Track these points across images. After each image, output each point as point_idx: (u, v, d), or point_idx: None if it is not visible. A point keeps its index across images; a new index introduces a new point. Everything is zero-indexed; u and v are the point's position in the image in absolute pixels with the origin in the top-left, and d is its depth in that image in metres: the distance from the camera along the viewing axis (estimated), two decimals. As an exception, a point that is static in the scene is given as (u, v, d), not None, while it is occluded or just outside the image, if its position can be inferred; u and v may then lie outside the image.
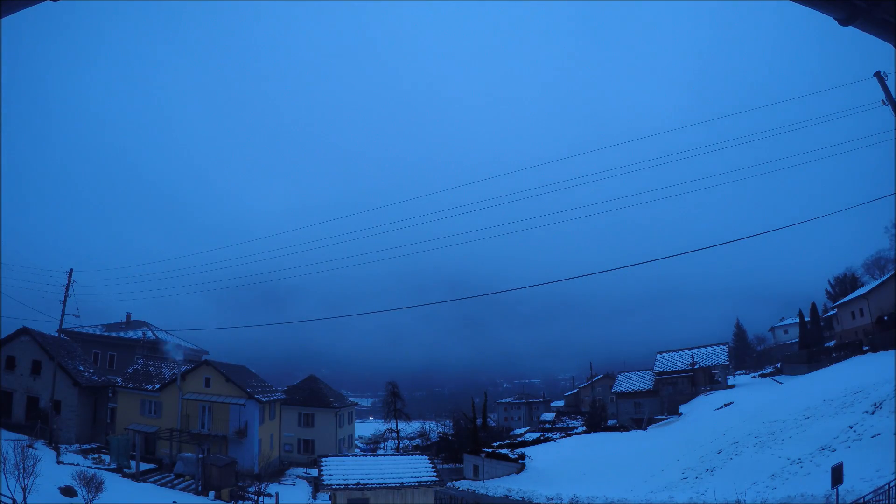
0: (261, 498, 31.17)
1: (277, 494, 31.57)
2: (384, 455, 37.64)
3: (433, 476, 25.16)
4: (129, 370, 42.02)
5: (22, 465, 17.71)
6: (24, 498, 17.39)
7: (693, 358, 53.95)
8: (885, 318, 44.32)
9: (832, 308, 62.36)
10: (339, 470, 24.44)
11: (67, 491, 22.19)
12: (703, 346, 56.38)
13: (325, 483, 23.70)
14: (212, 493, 30.52)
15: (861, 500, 14.47)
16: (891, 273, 49.41)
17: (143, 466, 32.11)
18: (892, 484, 13.88)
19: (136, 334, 51.85)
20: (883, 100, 17.40)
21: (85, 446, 36.17)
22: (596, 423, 56.41)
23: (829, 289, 71.25)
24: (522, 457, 37.70)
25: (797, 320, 65.37)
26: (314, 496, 34.87)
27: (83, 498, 20.58)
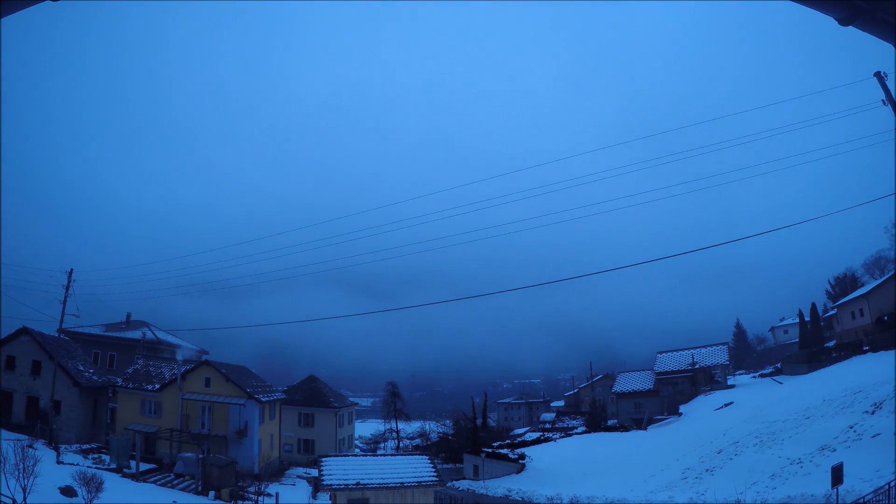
0: (261, 498, 31.17)
1: (277, 494, 31.58)
2: (384, 455, 37.65)
3: (433, 476, 25.17)
4: (129, 370, 42.01)
5: (22, 465, 17.71)
6: (24, 498, 17.39)
7: (693, 358, 53.95)
8: (885, 318, 44.33)
9: (832, 308, 62.40)
10: (339, 470, 24.45)
11: (67, 491, 22.19)
12: (703, 346, 56.40)
13: (325, 483, 23.71)
14: (212, 493, 30.52)
15: (861, 500, 14.47)
16: (891, 273, 49.44)
17: (143, 466, 32.11)
18: (892, 484, 13.88)
19: (136, 334, 51.82)
20: (883, 100, 17.39)
21: (85, 446, 36.18)
22: (596, 424, 56.36)
23: (829, 289, 71.31)
24: (522, 457, 37.69)
25: (797, 320, 65.42)
26: (314, 496, 34.87)
27: (83, 498, 20.58)
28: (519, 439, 55.97)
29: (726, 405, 39.90)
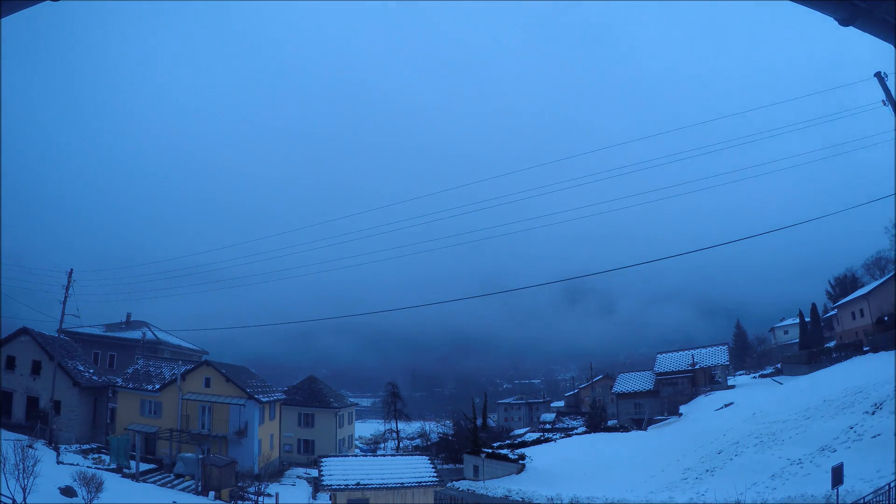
0: (261, 498, 31.18)
1: (277, 495, 31.59)
2: (384, 455, 37.69)
3: (433, 476, 25.20)
4: (129, 370, 42.02)
5: (22, 465, 17.72)
6: (24, 498, 17.40)
7: (693, 358, 53.95)
8: (886, 318, 44.32)
9: (832, 308, 62.40)
10: (339, 470, 24.48)
11: (67, 491, 22.21)
12: (704, 347, 56.44)
13: (325, 483, 23.73)
14: (212, 494, 30.53)
15: (861, 501, 14.47)
16: (891, 273, 49.41)
17: (143, 466, 32.13)
18: (893, 484, 13.89)
19: (136, 334, 51.87)
20: (883, 100, 17.39)
21: (85, 446, 36.19)
22: (596, 424, 56.34)
23: (830, 289, 71.31)
24: (522, 457, 37.65)
25: (797, 321, 65.40)
26: (314, 496, 34.87)
27: (83, 498, 20.59)
28: (519, 440, 55.96)
29: (726, 405, 39.90)
